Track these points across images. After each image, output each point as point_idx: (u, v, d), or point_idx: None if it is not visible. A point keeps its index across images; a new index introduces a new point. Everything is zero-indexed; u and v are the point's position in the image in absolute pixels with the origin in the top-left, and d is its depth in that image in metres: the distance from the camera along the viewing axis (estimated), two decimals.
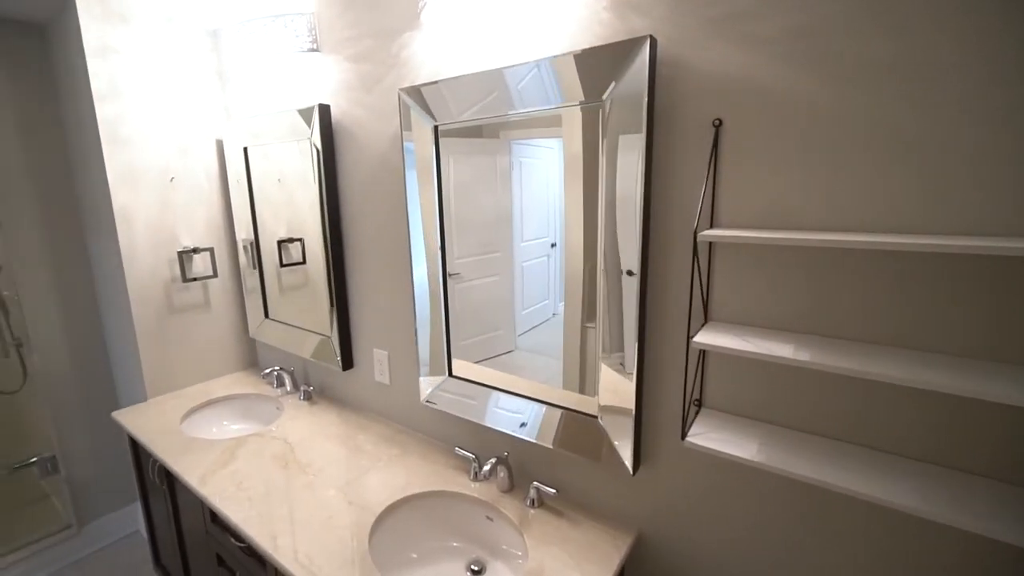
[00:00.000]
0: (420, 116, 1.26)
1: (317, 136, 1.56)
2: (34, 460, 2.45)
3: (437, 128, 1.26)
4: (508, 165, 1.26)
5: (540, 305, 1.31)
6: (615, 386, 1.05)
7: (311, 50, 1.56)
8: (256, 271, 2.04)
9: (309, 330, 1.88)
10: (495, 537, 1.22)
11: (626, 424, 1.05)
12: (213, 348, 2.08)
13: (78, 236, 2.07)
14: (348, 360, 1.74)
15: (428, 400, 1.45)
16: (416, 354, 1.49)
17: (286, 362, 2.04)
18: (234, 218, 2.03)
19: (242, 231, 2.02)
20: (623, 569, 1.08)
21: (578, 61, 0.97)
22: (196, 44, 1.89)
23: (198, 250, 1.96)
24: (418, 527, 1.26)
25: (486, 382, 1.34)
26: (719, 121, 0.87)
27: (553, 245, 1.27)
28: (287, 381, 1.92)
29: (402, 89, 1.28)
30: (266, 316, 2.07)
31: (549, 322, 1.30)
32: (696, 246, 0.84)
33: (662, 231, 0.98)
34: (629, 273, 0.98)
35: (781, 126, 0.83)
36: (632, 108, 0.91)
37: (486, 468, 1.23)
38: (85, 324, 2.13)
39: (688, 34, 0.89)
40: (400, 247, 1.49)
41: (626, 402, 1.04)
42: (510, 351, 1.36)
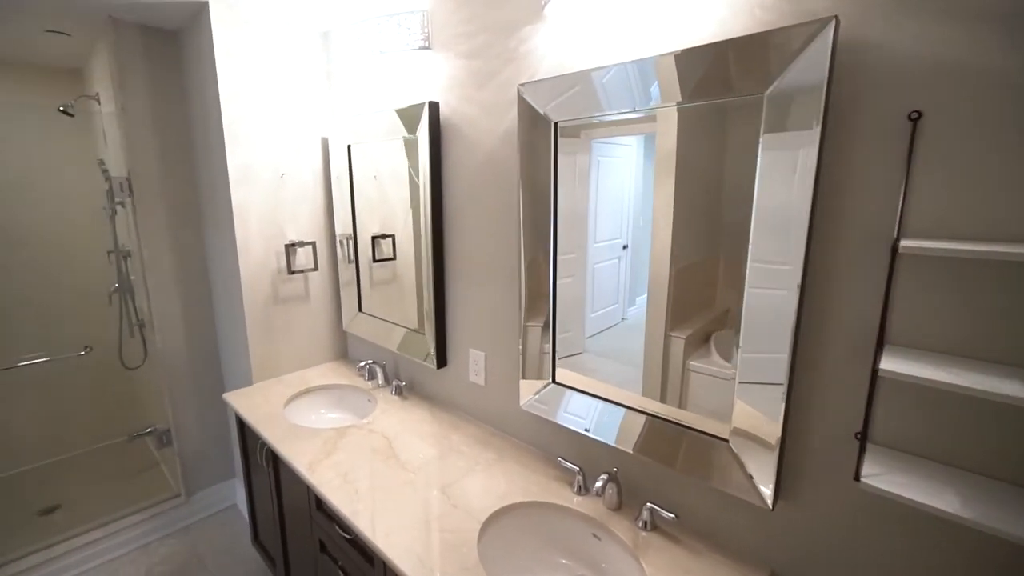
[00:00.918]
0: (539, 112, 1.22)
1: (425, 133, 1.56)
2: (149, 430, 2.68)
3: (556, 125, 1.21)
4: (587, 164, 1.21)
5: (609, 309, 1.27)
6: (754, 410, 0.95)
7: (422, 48, 1.56)
8: (351, 265, 2.10)
9: (402, 325, 1.90)
10: (603, 557, 1.16)
11: (766, 452, 0.94)
12: (310, 338, 2.16)
13: (197, 228, 2.23)
14: (442, 358, 1.74)
15: (528, 406, 1.40)
16: (518, 357, 1.45)
17: (375, 355, 2.08)
18: (334, 214, 2.10)
19: (341, 226, 2.09)
20: None
21: (736, 50, 0.88)
22: (309, 46, 1.97)
23: (302, 244, 2.04)
24: (524, 538, 1.22)
25: (593, 391, 1.28)
26: (917, 114, 0.75)
27: (625, 247, 1.23)
28: (379, 375, 1.95)
29: (522, 84, 1.24)
30: (359, 310, 2.13)
31: (617, 327, 1.27)
32: (895, 260, 0.72)
33: (829, 240, 0.86)
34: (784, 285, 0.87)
35: (998, 119, 0.70)
36: (804, 102, 0.81)
37: (598, 484, 1.17)
38: (199, 310, 2.29)
39: (876, 12, 0.77)
40: (508, 246, 1.45)
41: (768, 429, 0.93)
42: (579, 353, 1.33)
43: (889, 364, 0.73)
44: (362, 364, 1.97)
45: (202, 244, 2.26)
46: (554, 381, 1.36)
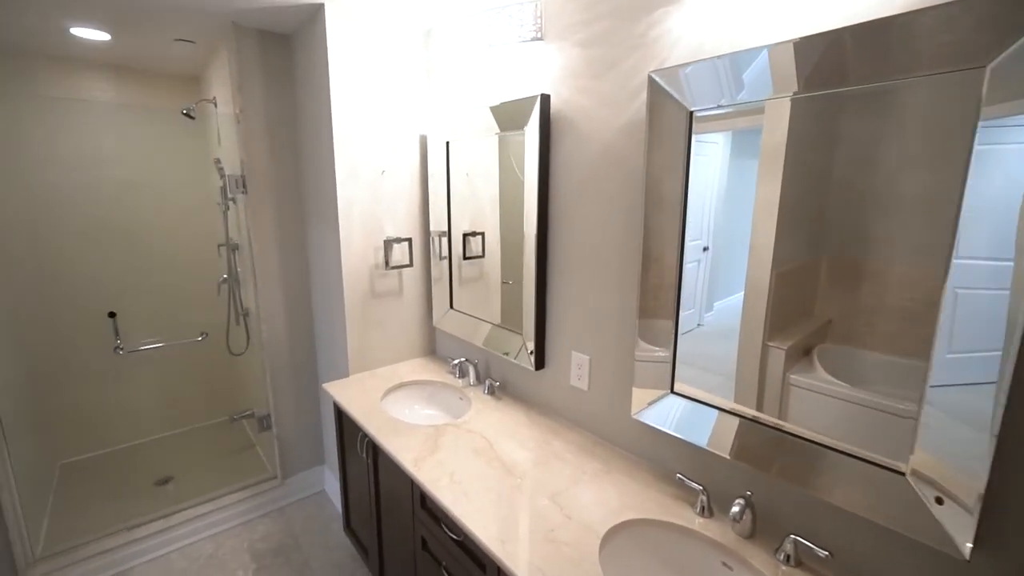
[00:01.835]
0: (673, 101, 1.13)
1: (535, 126, 1.51)
2: (249, 413, 2.85)
3: (692, 115, 1.11)
4: (719, 156, 1.12)
5: (686, 314, 1.22)
6: (947, 443, 0.81)
7: (534, 39, 1.51)
8: (443, 262, 2.11)
9: (496, 324, 1.88)
10: None
11: (965, 493, 0.80)
12: (401, 333, 2.19)
13: (300, 224, 2.33)
14: (541, 360, 1.68)
15: (641, 415, 1.31)
16: (630, 363, 1.36)
17: (465, 353, 2.07)
18: (429, 210, 2.11)
19: (435, 223, 2.10)
20: None
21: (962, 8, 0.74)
22: (411, 44, 1.99)
23: (399, 240, 2.07)
24: (644, 558, 1.14)
25: (719, 404, 1.17)
26: None
27: (705, 249, 1.18)
28: (471, 373, 1.94)
29: (654, 72, 1.15)
30: (451, 307, 2.13)
31: (692, 333, 1.22)
32: None
33: None
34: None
35: None
36: None
37: (735, 509, 1.06)
38: (299, 302, 2.39)
39: None
40: (623, 245, 1.37)
41: (969, 466, 0.79)
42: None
43: None
44: (456, 361, 1.96)
45: (304, 239, 2.36)
46: (673, 391, 1.27)
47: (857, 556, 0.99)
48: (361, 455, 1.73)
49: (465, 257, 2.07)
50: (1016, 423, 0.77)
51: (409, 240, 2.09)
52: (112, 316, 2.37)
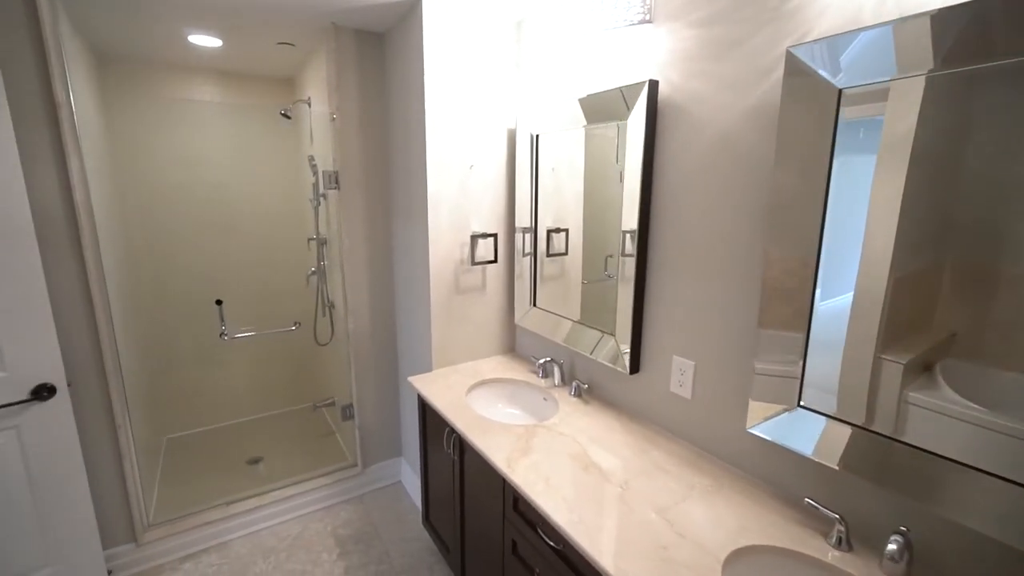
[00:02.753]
0: (818, 80, 1.00)
1: (641, 114, 1.42)
2: (330, 402, 2.97)
3: (842, 94, 0.98)
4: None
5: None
6: None
7: (642, 22, 1.42)
8: (526, 259, 2.07)
9: (584, 324, 1.80)
10: None
11: None
12: (482, 330, 2.17)
13: (386, 219, 2.38)
14: (636, 364, 1.59)
15: (759, 430, 1.19)
16: (747, 372, 1.24)
17: (547, 352, 2.01)
18: (516, 205, 2.07)
19: (520, 219, 2.06)
20: None
21: None
22: (502, 36, 1.96)
23: (485, 236, 2.05)
24: None
25: (856, 421, 1.02)
26: None
27: None
28: (556, 373, 1.88)
29: (794, 47, 1.03)
30: (533, 304, 2.08)
31: None
32: None
33: None
34: None
35: None
36: None
37: (891, 547, 0.92)
38: (382, 296, 2.45)
39: None
40: (742, 242, 1.25)
41: None
42: None
43: None
44: (541, 361, 1.91)
45: (389, 234, 2.40)
46: (800, 404, 1.13)
47: None
48: (447, 451, 1.72)
49: (549, 254, 2.02)
50: None
51: (495, 236, 2.07)
52: (219, 304, 2.54)
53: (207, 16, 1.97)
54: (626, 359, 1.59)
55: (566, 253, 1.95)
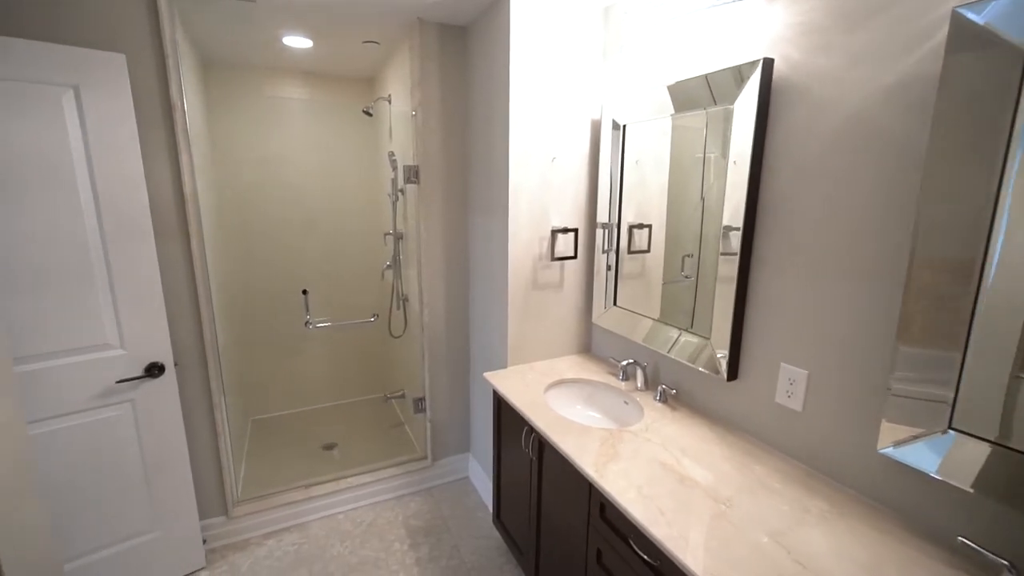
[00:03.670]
0: (999, 44, 0.84)
1: (752, 97, 1.29)
2: (401, 394, 3.02)
3: None
4: None
5: None
6: None
7: None
8: (605, 256, 1.98)
9: (673, 325, 1.69)
10: None
11: None
12: (559, 328, 2.11)
13: (462, 213, 2.38)
14: (734, 370, 1.46)
15: (895, 454, 1.04)
16: (879, 388, 1.09)
17: (627, 353, 1.91)
18: (598, 200, 1.99)
19: (602, 214, 1.97)
20: None
21: None
22: (590, 23, 1.88)
23: (565, 230, 1.98)
24: None
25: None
26: None
27: None
28: (639, 376, 1.78)
29: (962, 7, 0.88)
30: (614, 303, 1.99)
31: None
32: None
33: None
34: None
35: None
36: None
37: None
38: (457, 290, 2.45)
39: None
40: (881, 244, 1.10)
41: None
42: None
43: None
44: (624, 363, 1.82)
45: (465, 228, 2.40)
46: (952, 426, 0.97)
47: None
48: (524, 450, 1.68)
49: (630, 251, 1.93)
50: None
51: (575, 231, 2.00)
52: (305, 293, 2.66)
53: (305, 16, 2.05)
54: (723, 364, 1.47)
55: (648, 250, 1.85)
